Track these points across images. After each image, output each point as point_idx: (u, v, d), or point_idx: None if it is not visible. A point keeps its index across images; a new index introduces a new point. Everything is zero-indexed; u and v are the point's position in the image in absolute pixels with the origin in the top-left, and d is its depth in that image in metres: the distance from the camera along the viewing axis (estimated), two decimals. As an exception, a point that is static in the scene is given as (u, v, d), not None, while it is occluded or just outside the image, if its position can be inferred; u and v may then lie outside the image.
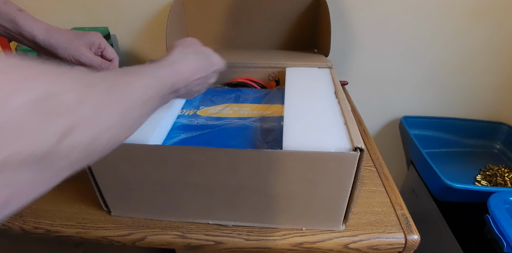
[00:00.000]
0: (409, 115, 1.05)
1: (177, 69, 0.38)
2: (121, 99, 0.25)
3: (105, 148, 0.23)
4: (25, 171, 0.17)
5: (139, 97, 0.28)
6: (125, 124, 0.26)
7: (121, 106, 0.25)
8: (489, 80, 0.99)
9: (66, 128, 0.19)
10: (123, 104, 0.25)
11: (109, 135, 0.23)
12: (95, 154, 0.22)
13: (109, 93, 0.24)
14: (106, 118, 0.22)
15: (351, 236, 0.48)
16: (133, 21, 0.93)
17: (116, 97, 0.24)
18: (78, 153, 0.20)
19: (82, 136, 0.20)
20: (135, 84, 0.28)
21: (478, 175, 0.94)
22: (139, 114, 0.28)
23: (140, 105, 0.28)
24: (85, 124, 0.20)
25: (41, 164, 0.18)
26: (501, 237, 0.60)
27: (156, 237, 0.49)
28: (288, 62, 0.68)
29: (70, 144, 0.19)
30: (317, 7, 0.79)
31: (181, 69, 0.39)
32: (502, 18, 0.87)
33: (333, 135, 0.43)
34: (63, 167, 0.20)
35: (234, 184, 0.45)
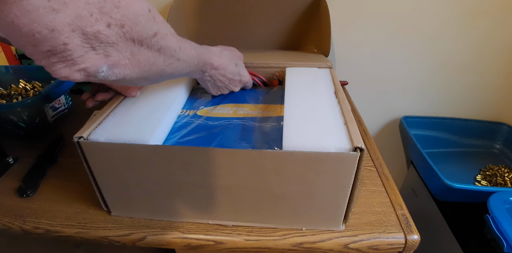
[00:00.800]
0: (409, 115, 1.05)
1: (211, 55, 0.47)
2: (181, 43, 0.38)
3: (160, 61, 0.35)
4: (128, 47, 0.29)
5: (186, 54, 0.40)
6: (173, 56, 0.37)
7: (181, 43, 0.38)
8: (489, 80, 0.99)
9: (155, 32, 0.31)
10: (183, 44, 0.39)
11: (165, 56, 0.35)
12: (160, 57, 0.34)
13: (176, 37, 0.37)
14: (171, 42, 0.35)
15: (351, 236, 0.48)
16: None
17: (178, 39, 0.37)
18: (154, 52, 0.33)
19: (162, 41, 0.33)
20: (187, 45, 0.41)
21: (478, 175, 0.94)
22: (178, 65, 0.39)
23: (182, 61, 0.39)
24: (164, 35, 0.33)
25: (137, 47, 0.30)
26: (501, 237, 0.60)
27: (156, 237, 0.49)
28: (288, 62, 0.68)
29: (154, 43, 0.32)
30: (317, 7, 0.79)
31: (214, 57, 0.48)
32: (503, 19, 0.87)
33: (333, 135, 0.43)
34: (146, 59, 0.32)
35: (234, 184, 0.45)
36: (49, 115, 0.74)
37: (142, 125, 0.46)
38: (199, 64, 0.45)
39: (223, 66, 0.50)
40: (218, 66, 0.49)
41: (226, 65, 0.50)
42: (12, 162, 0.64)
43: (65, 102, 0.80)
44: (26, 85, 0.78)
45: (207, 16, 0.82)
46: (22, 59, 0.87)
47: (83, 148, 0.44)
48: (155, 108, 0.50)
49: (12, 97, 0.75)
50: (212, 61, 0.48)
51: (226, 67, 0.50)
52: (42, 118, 0.71)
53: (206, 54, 0.46)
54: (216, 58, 0.49)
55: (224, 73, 0.51)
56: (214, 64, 0.49)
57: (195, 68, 0.45)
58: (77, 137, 0.43)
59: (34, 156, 0.64)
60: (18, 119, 0.68)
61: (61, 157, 0.66)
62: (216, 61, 0.49)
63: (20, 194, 0.55)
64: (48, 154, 0.65)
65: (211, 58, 0.48)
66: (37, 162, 0.63)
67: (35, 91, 0.76)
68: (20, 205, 0.54)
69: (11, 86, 0.78)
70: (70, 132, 0.72)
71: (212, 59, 0.48)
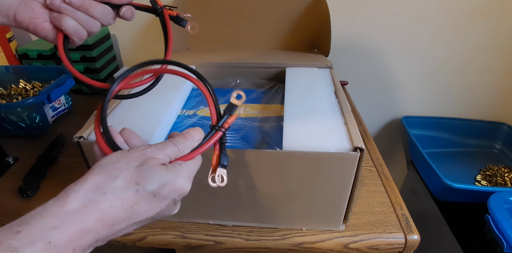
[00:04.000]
0: (409, 115, 1.05)
1: (74, 228, 0.24)
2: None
3: None
4: None
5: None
6: None
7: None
8: (489, 80, 0.99)
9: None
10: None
11: None
12: None
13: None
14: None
15: (351, 236, 0.48)
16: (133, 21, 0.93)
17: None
18: None
19: None
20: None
21: (478, 175, 0.94)
22: None
23: None
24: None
25: None
26: (501, 237, 0.60)
27: (156, 237, 0.49)
28: (288, 62, 0.68)
29: None
30: (317, 7, 0.79)
31: (81, 225, 0.25)
32: (502, 19, 0.87)
33: (333, 135, 0.43)
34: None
35: (234, 184, 0.45)
36: (49, 115, 0.74)
37: (142, 125, 0.46)
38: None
39: (111, 223, 0.26)
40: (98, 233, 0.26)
41: (120, 219, 0.27)
42: (12, 162, 0.64)
43: (65, 102, 0.80)
44: (26, 85, 0.78)
45: (207, 16, 0.82)
46: (22, 59, 0.87)
47: (83, 148, 0.44)
48: (155, 108, 0.50)
49: (12, 97, 0.75)
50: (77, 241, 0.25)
51: (122, 221, 0.27)
52: (42, 118, 0.71)
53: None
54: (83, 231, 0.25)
55: (122, 227, 0.28)
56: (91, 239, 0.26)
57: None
58: (77, 137, 0.43)
59: (34, 156, 0.64)
60: (18, 119, 0.68)
61: (61, 157, 0.66)
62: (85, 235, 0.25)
63: (20, 194, 0.55)
64: (48, 154, 0.65)
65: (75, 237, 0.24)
66: (37, 162, 0.63)
67: (35, 91, 0.76)
68: (20, 205, 0.54)
69: (11, 86, 0.78)
70: (70, 132, 0.72)
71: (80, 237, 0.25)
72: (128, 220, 0.27)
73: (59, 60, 0.88)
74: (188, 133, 0.32)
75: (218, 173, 0.33)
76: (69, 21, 0.35)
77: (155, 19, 0.42)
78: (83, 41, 0.38)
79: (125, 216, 0.27)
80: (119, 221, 0.27)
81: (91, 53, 0.83)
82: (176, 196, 0.30)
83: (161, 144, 0.30)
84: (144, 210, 0.28)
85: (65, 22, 0.35)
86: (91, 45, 0.82)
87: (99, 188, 0.26)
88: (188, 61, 0.69)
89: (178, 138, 0.31)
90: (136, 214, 0.28)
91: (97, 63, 0.85)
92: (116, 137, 0.32)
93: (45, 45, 0.87)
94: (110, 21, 0.38)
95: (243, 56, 0.75)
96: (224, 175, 0.33)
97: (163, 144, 0.31)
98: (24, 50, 0.85)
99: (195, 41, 0.84)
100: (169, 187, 0.28)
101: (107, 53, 0.91)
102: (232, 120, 0.34)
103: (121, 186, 0.27)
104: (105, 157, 0.29)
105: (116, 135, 0.33)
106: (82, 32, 0.36)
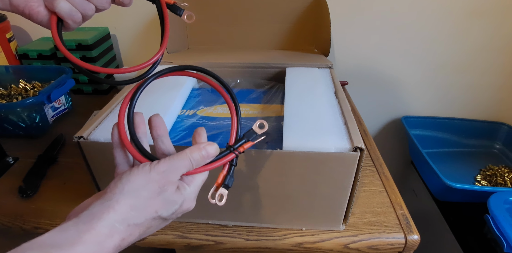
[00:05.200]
0: (409, 115, 1.05)
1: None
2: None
3: None
4: None
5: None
6: None
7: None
8: (489, 80, 0.99)
9: None
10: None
11: None
12: None
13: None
14: None
15: (351, 236, 0.48)
16: (133, 21, 0.93)
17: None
18: None
19: None
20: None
21: (478, 175, 0.94)
22: None
23: None
24: None
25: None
26: (501, 237, 0.60)
27: (156, 237, 0.49)
28: (288, 62, 0.68)
29: None
30: (317, 7, 0.79)
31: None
32: (502, 19, 0.87)
33: (333, 135, 0.43)
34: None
35: (234, 184, 0.45)
36: (49, 115, 0.74)
37: (142, 125, 0.46)
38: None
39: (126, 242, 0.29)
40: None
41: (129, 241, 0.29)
42: (12, 162, 0.64)
43: (65, 102, 0.80)
44: (26, 85, 0.78)
45: (207, 16, 0.82)
46: (22, 59, 0.87)
47: (83, 148, 0.44)
48: (155, 108, 0.50)
49: (12, 97, 0.75)
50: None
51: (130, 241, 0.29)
52: (42, 118, 0.71)
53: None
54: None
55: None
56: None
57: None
58: (77, 137, 0.43)
59: (34, 156, 0.64)
60: (18, 119, 0.68)
61: (61, 157, 0.66)
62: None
63: (20, 194, 0.55)
64: (48, 154, 0.65)
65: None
66: (37, 162, 0.63)
67: (35, 91, 0.76)
68: (20, 205, 0.54)
69: (11, 86, 0.78)
70: (70, 132, 0.72)
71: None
72: (137, 240, 0.30)
73: (59, 60, 0.88)
74: (206, 150, 0.32)
75: (219, 193, 0.34)
76: (62, 2, 0.34)
77: (155, 19, 0.42)
78: (79, 25, 0.37)
79: (137, 238, 0.30)
80: (131, 243, 0.30)
81: (91, 53, 0.83)
82: (180, 215, 0.33)
83: (179, 161, 0.31)
84: (153, 230, 0.32)
85: (58, 4, 0.34)
86: (91, 45, 0.82)
87: (124, 220, 0.28)
88: (188, 61, 0.69)
89: (196, 155, 0.32)
90: (146, 234, 0.31)
91: (97, 63, 0.85)
92: (141, 126, 0.34)
93: (45, 45, 0.87)
94: (104, 5, 0.38)
95: (243, 56, 0.75)
96: (224, 195, 0.34)
97: (181, 161, 0.31)
98: (24, 50, 0.85)
99: (195, 41, 0.84)
100: (178, 210, 0.31)
101: (107, 53, 0.91)
102: (249, 146, 0.35)
103: (143, 217, 0.29)
104: (129, 180, 0.30)
105: (140, 124, 0.34)
106: (76, 15, 0.36)
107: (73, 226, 0.27)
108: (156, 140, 0.35)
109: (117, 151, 0.34)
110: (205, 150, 0.32)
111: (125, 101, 0.34)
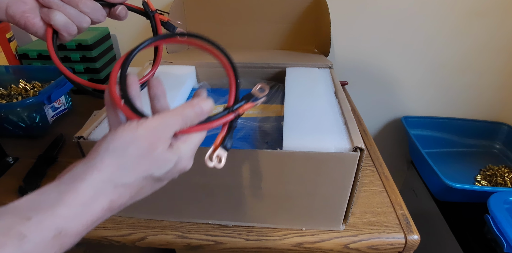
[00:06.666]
0: (409, 115, 1.05)
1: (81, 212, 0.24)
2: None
3: None
4: None
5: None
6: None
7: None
8: (489, 80, 0.99)
9: None
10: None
11: None
12: None
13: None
14: None
15: (351, 236, 0.48)
16: (133, 21, 0.93)
17: None
18: None
19: None
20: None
21: (478, 175, 0.94)
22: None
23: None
24: None
25: None
26: (501, 237, 0.60)
27: (156, 237, 0.49)
28: (288, 62, 0.68)
29: None
30: (317, 7, 0.79)
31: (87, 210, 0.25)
32: (503, 18, 0.87)
33: (333, 135, 0.43)
34: None
35: (234, 184, 0.45)
36: (49, 115, 0.74)
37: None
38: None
39: (119, 205, 0.27)
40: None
41: (122, 202, 0.28)
42: (12, 162, 0.64)
43: (65, 102, 0.80)
44: (26, 85, 0.78)
45: (207, 16, 0.82)
46: (22, 59, 0.87)
47: (83, 148, 0.44)
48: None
49: (12, 97, 0.75)
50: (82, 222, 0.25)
51: (123, 203, 0.28)
52: (42, 118, 0.71)
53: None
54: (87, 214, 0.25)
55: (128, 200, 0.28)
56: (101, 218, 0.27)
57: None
58: (77, 137, 0.43)
59: (34, 156, 0.64)
60: (18, 119, 0.68)
61: (61, 157, 0.66)
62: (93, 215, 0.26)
63: (20, 194, 0.55)
64: (48, 154, 0.65)
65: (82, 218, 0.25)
66: (37, 162, 0.63)
67: (35, 91, 0.76)
68: (20, 205, 0.54)
69: (11, 86, 0.78)
70: (70, 132, 0.72)
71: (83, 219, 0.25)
72: (130, 201, 0.28)
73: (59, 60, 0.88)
74: (200, 106, 0.30)
75: (217, 154, 0.31)
76: (58, 15, 0.35)
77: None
78: (74, 37, 0.38)
79: (130, 200, 0.28)
80: (124, 205, 0.28)
81: (91, 53, 0.83)
82: (177, 175, 0.30)
83: (170, 118, 0.29)
84: (147, 191, 0.29)
85: (54, 16, 0.34)
86: (91, 45, 0.82)
87: (111, 180, 0.26)
88: (188, 61, 0.69)
89: (189, 112, 0.29)
90: (139, 196, 0.29)
91: (97, 63, 0.85)
92: (133, 85, 0.31)
93: (45, 45, 0.86)
94: (100, 18, 0.38)
95: (243, 56, 0.75)
96: (223, 157, 0.31)
97: (172, 118, 0.29)
98: (24, 50, 0.85)
99: (195, 41, 0.84)
100: (173, 170, 0.29)
101: (107, 53, 0.91)
102: (248, 107, 0.32)
103: (131, 177, 0.27)
104: (114, 138, 0.27)
105: (133, 84, 0.31)
106: (72, 27, 0.36)
107: (54, 188, 0.25)
108: (152, 99, 0.33)
109: (109, 112, 0.31)
110: (198, 106, 0.30)
111: (117, 65, 0.32)
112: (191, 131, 0.30)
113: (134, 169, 0.27)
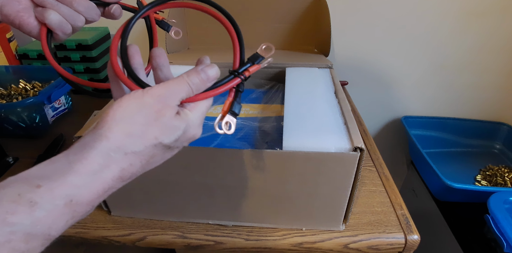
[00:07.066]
0: (409, 115, 1.05)
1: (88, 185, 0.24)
2: None
3: None
4: None
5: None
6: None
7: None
8: (489, 80, 0.99)
9: None
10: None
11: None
12: None
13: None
14: None
15: (351, 236, 0.48)
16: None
17: None
18: None
19: None
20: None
21: (478, 175, 0.94)
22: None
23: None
24: None
25: None
26: (501, 237, 0.60)
27: (156, 237, 0.49)
28: (288, 62, 0.68)
29: None
30: (317, 7, 0.79)
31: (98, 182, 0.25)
32: (502, 18, 0.87)
33: (333, 135, 0.43)
34: None
35: (234, 184, 0.45)
36: (49, 115, 0.74)
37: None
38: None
39: (130, 175, 0.27)
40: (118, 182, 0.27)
41: (134, 171, 0.28)
42: (12, 162, 0.64)
43: (65, 102, 0.80)
44: (26, 85, 0.78)
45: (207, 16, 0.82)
46: (22, 59, 0.87)
47: (83, 148, 0.44)
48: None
49: (12, 97, 0.75)
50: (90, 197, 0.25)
51: (137, 171, 0.28)
52: (42, 118, 0.71)
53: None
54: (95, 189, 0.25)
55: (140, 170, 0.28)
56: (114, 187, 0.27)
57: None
58: (77, 137, 0.43)
59: (34, 156, 0.64)
60: (18, 119, 0.68)
61: (61, 157, 0.66)
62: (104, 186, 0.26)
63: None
64: (48, 154, 0.65)
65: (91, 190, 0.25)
66: (37, 162, 0.63)
67: (35, 91, 0.76)
68: (20, 205, 0.54)
69: (11, 86, 0.78)
70: (70, 132, 0.72)
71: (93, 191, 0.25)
72: (141, 171, 0.28)
73: (59, 60, 0.88)
74: (205, 73, 0.29)
75: (226, 120, 0.31)
76: (52, 14, 0.34)
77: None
78: (69, 37, 0.37)
79: (141, 170, 0.28)
80: (136, 174, 0.28)
81: (91, 53, 0.83)
82: (187, 143, 0.30)
83: (175, 85, 0.28)
84: (157, 161, 0.29)
85: (48, 15, 0.34)
86: (91, 45, 0.82)
87: (120, 148, 0.26)
88: (188, 61, 0.69)
89: (193, 78, 0.29)
90: (150, 165, 0.29)
91: (97, 63, 0.85)
92: (135, 57, 0.31)
93: (45, 45, 0.87)
94: (94, 17, 0.38)
95: (243, 56, 0.75)
96: (232, 123, 0.31)
97: (177, 85, 0.28)
98: (24, 50, 0.85)
99: (195, 41, 0.84)
100: (182, 138, 0.29)
101: (107, 53, 0.91)
102: (254, 70, 0.31)
103: (141, 145, 0.26)
104: (120, 106, 0.27)
105: (135, 55, 0.32)
106: (66, 26, 0.36)
107: (63, 158, 0.25)
108: (155, 69, 0.32)
109: (113, 85, 0.31)
110: (204, 73, 0.29)
111: (116, 36, 0.32)
112: (198, 98, 0.29)
113: (143, 137, 0.27)
